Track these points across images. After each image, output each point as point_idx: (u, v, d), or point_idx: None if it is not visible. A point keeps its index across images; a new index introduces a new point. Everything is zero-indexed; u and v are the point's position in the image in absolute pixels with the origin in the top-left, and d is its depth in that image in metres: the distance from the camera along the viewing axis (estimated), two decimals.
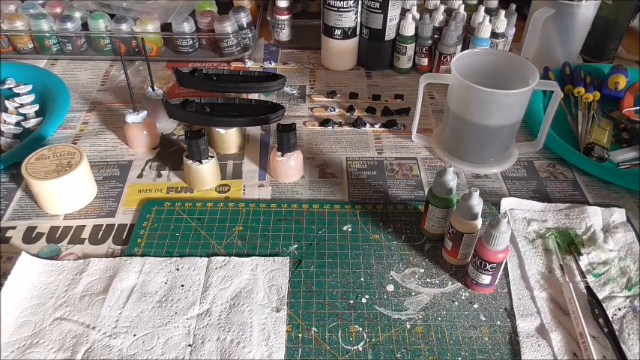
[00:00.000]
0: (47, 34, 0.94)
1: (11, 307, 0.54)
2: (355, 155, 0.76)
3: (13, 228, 0.64)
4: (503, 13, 0.90)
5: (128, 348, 0.51)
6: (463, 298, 0.57)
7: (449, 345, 0.52)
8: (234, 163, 0.74)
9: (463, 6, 0.93)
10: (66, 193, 0.64)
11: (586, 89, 0.85)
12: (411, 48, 0.92)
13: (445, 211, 0.59)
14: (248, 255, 0.61)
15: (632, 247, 0.62)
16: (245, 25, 0.97)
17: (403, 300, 0.56)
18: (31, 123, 0.80)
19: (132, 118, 0.73)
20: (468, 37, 0.91)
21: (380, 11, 0.87)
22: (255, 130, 0.81)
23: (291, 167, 0.70)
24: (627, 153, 0.76)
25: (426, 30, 0.90)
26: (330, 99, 0.87)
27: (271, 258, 0.60)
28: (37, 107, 0.83)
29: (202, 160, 0.67)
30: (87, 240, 0.62)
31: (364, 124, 0.81)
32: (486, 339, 0.53)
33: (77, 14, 0.96)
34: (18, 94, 0.84)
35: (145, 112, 0.74)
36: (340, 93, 0.89)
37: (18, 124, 0.80)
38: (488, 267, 0.54)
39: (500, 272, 0.56)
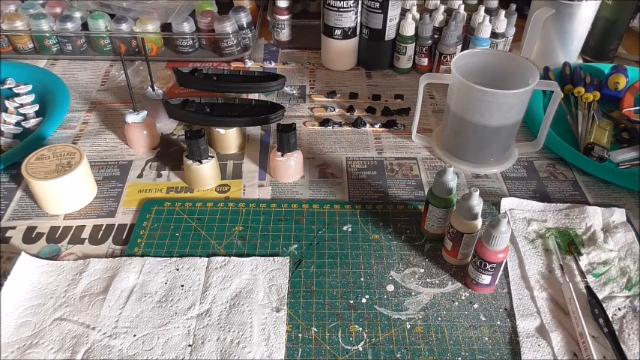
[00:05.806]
0: (47, 34, 0.94)
1: (11, 308, 0.54)
2: (355, 155, 0.76)
3: (13, 228, 0.64)
4: (503, 13, 0.90)
5: (128, 348, 0.51)
6: (463, 298, 0.57)
7: (449, 345, 0.52)
8: (234, 163, 0.74)
9: (463, 6, 0.93)
10: (66, 193, 0.64)
11: (586, 89, 0.85)
12: (411, 48, 0.91)
13: (445, 211, 0.59)
14: (248, 255, 0.61)
15: (632, 247, 0.62)
16: (245, 25, 0.97)
17: (403, 300, 0.56)
18: (31, 123, 0.80)
19: (132, 118, 0.73)
20: (468, 37, 0.91)
21: (380, 11, 0.87)
22: (255, 130, 0.81)
23: (291, 167, 0.70)
24: (627, 153, 0.76)
25: (426, 30, 0.90)
26: (330, 99, 0.87)
27: (271, 258, 0.60)
28: (37, 107, 0.83)
29: (202, 160, 0.67)
30: (87, 240, 0.62)
31: (364, 124, 0.81)
32: (486, 339, 0.53)
33: (77, 14, 0.96)
34: (18, 94, 0.84)
35: (145, 112, 0.74)
36: (340, 93, 0.89)
37: (18, 124, 0.80)
38: (488, 267, 0.54)
39: (500, 272, 0.56)
